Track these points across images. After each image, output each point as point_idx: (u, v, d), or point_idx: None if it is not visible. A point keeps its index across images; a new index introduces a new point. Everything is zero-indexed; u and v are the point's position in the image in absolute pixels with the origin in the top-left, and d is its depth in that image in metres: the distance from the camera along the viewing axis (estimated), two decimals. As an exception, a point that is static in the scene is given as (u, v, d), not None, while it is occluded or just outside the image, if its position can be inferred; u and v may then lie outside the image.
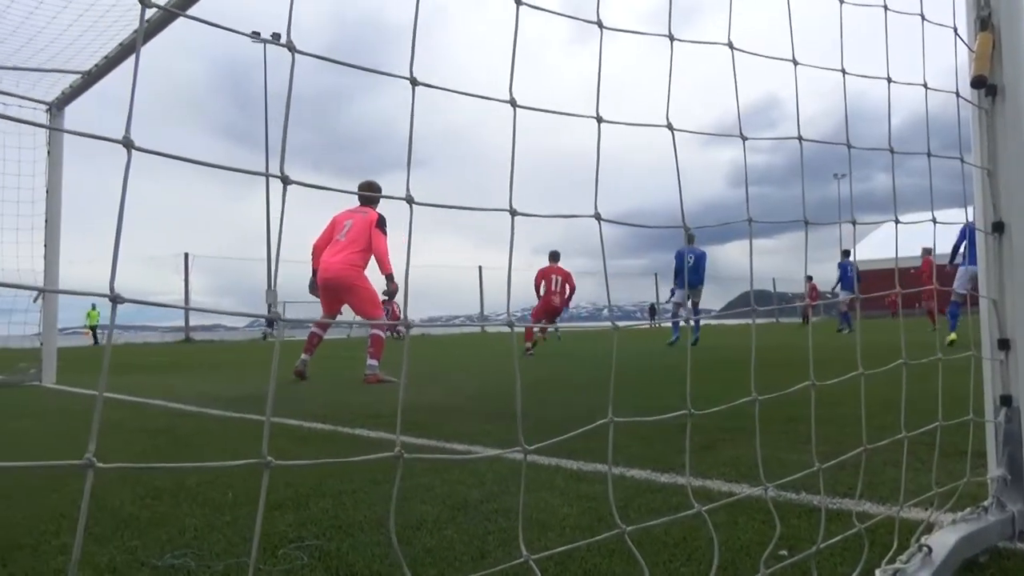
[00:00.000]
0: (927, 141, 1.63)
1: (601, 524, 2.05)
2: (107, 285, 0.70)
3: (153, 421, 4.45)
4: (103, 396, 0.69)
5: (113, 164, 0.75)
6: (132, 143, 0.68)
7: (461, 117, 61.23)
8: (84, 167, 23.49)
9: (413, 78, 0.88)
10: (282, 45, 0.78)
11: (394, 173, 0.90)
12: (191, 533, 2.04)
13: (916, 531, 1.65)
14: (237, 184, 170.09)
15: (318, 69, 0.84)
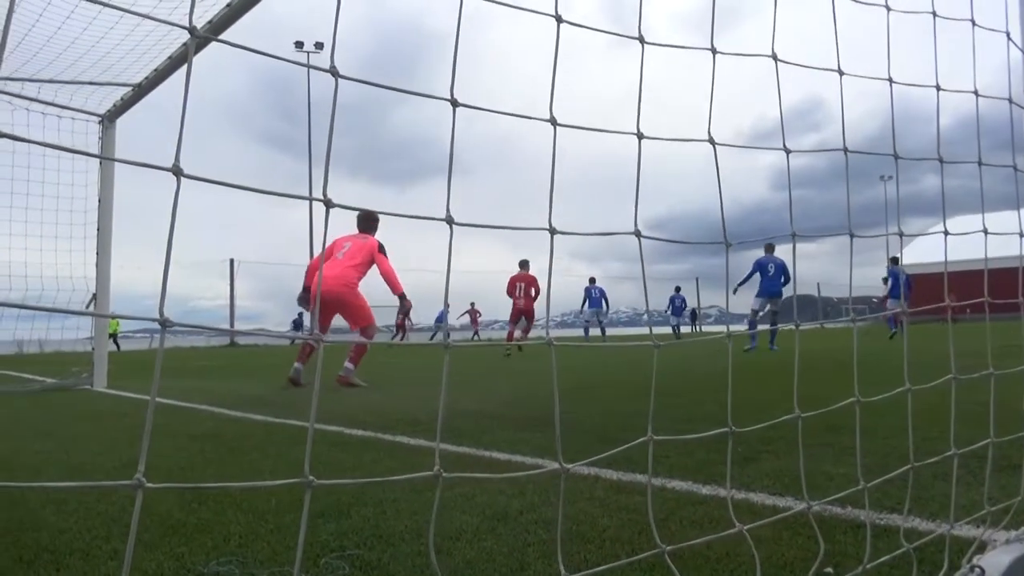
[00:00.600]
0: (978, 149, 1.58)
1: (642, 537, 2.03)
2: (152, 292, 0.73)
3: (199, 426, 4.54)
4: (151, 421, 0.70)
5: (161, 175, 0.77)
6: (181, 171, 0.70)
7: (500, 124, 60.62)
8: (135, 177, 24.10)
9: (454, 99, 0.89)
10: (326, 71, 0.80)
11: (432, 180, 0.92)
12: (236, 540, 2.08)
13: (967, 550, 1.61)
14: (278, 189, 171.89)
15: (362, 76, 0.85)
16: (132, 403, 6.43)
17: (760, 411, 4.30)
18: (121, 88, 7.38)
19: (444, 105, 0.91)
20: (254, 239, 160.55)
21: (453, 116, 0.88)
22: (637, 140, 1.07)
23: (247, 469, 3.11)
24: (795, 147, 1.40)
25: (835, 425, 3.51)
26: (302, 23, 45.70)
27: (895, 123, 1.55)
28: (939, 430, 3.25)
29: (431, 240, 7.13)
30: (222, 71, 24.51)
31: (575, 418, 4.42)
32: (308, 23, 47.92)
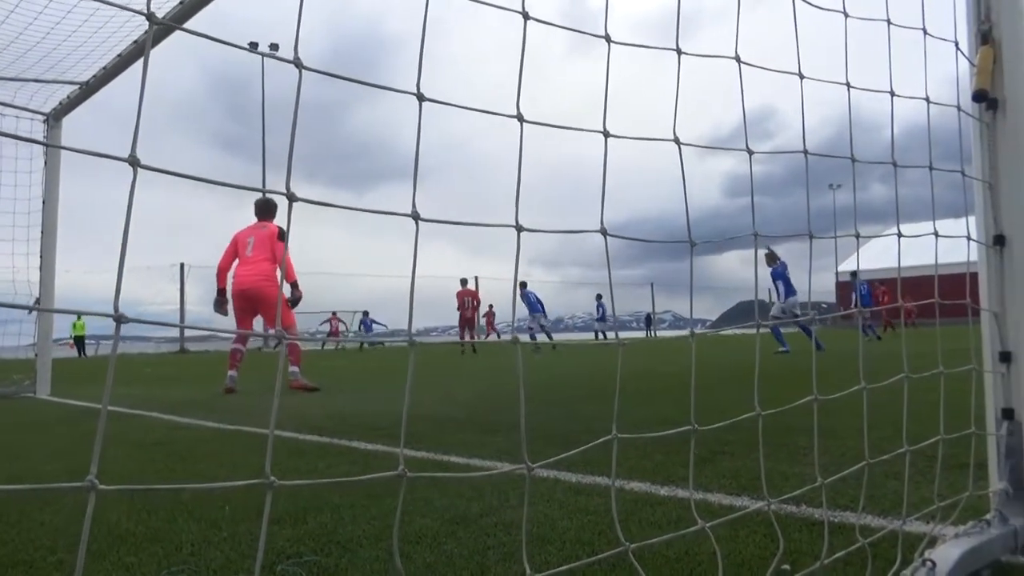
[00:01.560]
0: (929, 155, 1.63)
1: (601, 538, 2.03)
2: (103, 296, 0.70)
3: (150, 434, 4.42)
4: (105, 420, 0.67)
5: (109, 175, 0.74)
6: (138, 161, 0.67)
7: (459, 126, 60.54)
8: (80, 177, 23.38)
9: (420, 94, 0.88)
10: (289, 61, 0.78)
11: (390, 183, 0.91)
12: (188, 549, 2.02)
13: (919, 545, 1.64)
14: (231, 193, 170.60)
15: (315, 78, 0.84)
16: (77, 411, 6.23)
17: (720, 412, 4.33)
18: (67, 86, 7.17)
19: (401, 108, 0.91)
20: (206, 243, 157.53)
21: (420, 110, 0.87)
22: (603, 138, 1.07)
23: (200, 477, 3.03)
24: (745, 156, 1.43)
25: (792, 427, 3.58)
26: (256, 25, 45.07)
27: (847, 133, 1.59)
28: (893, 429, 3.30)
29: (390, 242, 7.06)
30: (174, 70, 24.09)
31: (536, 421, 4.42)
32: (262, 25, 47.30)
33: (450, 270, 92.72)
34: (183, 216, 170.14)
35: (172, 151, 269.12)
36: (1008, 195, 1.77)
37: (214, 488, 1.29)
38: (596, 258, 2.81)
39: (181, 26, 0.72)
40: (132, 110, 0.74)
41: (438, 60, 55.02)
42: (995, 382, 1.81)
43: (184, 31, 0.74)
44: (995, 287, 1.81)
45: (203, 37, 0.74)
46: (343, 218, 33.75)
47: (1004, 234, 1.78)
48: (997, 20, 1.77)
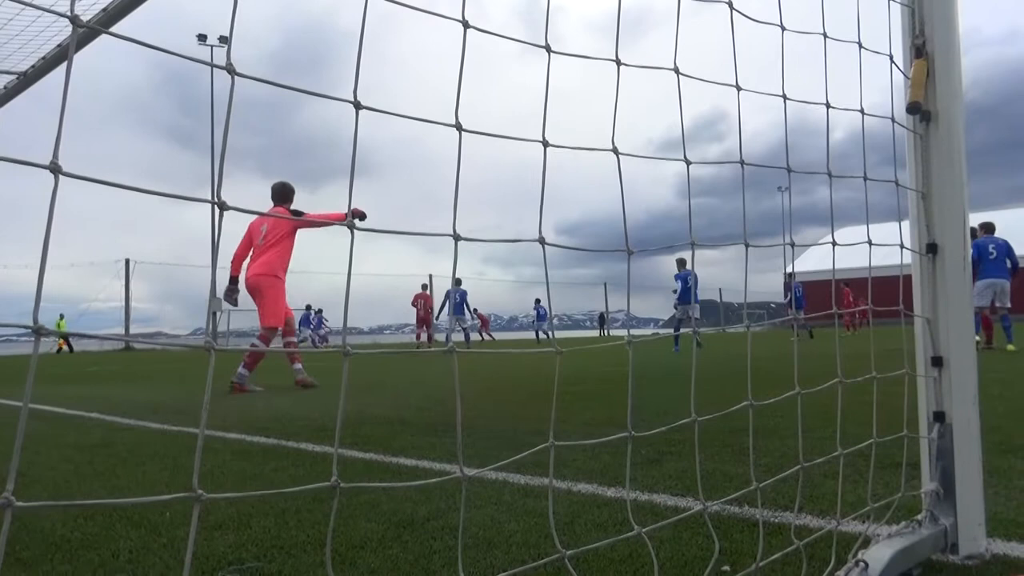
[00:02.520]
0: (863, 164, 1.68)
1: (547, 541, 2.04)
2: (46, 291, 0.68)
3: (89, 435, 4.30)
4: (23, 431, 0.65)
5: (40, 169, 0.71)
6: (60, 168, 0.65)
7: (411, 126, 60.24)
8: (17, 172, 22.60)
9: (357, 102, 0.87)
10: (223, 68, 0.76)
11: (342, 180, 0.88)
12: (125, 556, 1.97)
13: (853, 545, 1.69)
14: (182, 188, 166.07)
15: (267, 73, 0.82)
16: (7, 412, 6.02)
17: (664, 414, 4.42)
18: (4, 76, 6.91)
19: (349, 106, 0.89)
20: (151, 239, 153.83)
21: (356, 119, 0.86)
22: (543, 148, 1.08)
23: (141, 480, 2.96)
24: (701, 156, 1.45)
25: (736, 428, 3.65)
26: (206, 15, 44.03)
27: (794, 136, 1.62)
28: (832, 430, 3.41)
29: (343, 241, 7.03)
30: (120, 61, 22.80)
31: (483, 423, 4.42)
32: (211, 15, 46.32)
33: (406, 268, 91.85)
34: (128, 212, 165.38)
35: (118, 144, 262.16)
36: (940, 205, 1.83)
37: (139, 503, 1.25)
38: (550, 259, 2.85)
39: (107, 30, 0.70)
40: (73, 101, 0.72)
41: (388, 58, 53.08)
42: (927, 386, 1.88)
43: (110, 35, 0.72)
44: (927, 294, 1.87)
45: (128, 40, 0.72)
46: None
47: (936, 242, 1.84)
48: (931, 35, 1.83)
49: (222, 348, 0.82)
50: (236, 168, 19.51)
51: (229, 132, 0.84)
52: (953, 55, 1.83)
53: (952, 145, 1.82)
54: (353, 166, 0.86)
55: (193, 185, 31.92)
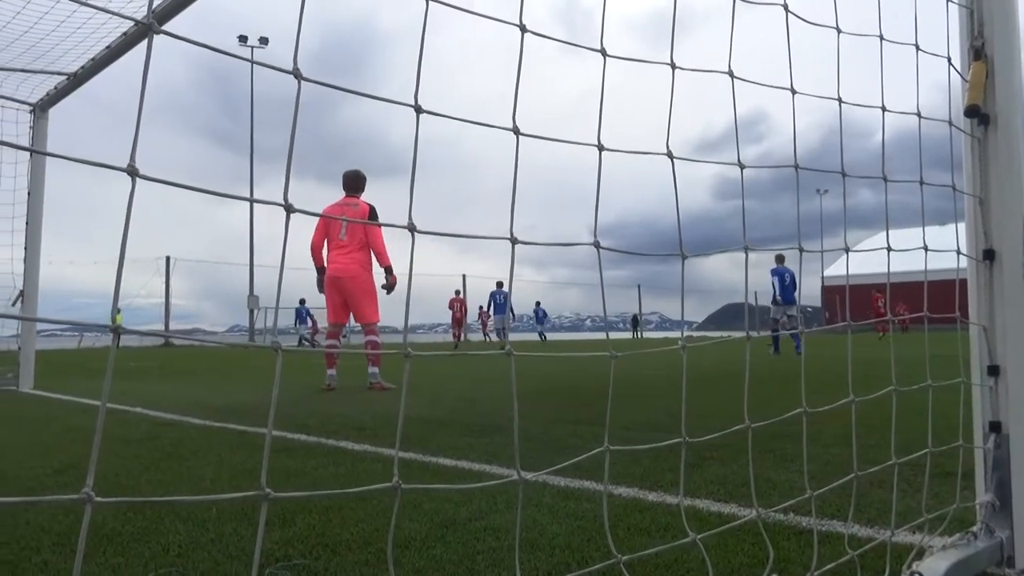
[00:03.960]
0: (920, 170, 1.64)
1: (590, 544, 2.04)
2: (85, 288, 0.70)
3: (134, 430, 4.39)
4: (101, 431, 0.67)
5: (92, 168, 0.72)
6: (137, 171, 0.67)
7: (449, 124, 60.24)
8: (65, 169, 23.12)
9: (418, 106, 0.87)
10: (288, 72, 0.77)
11: (379, 180, 0.90)
12: (175, 550, 2.01)
13: (905, 556, 1.66)
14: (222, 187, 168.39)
15: (307, 73, 0.82)
16: (62, 405, 6.18)
17: (704, 418, 4.37)
18: (55, 77, 7.10)
19: (387, 105, 0.89)
20: (191, 237, 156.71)
21: (417, 123, 0.87)
22: (598, 152, 1.07)
23: (185, 475, 3.02)
24: (738, 156, 1.43)
25: (778, 432, 3.59)
26: (246, 16, 44.68)
27: (836, 137, 1.60)
28: (877, 438, 3.35)
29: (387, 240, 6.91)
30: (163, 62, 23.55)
31: (522, 424, 4.43)
32: (251, 16, 46.92)
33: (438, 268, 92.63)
34: (169, 211, 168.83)
35: (163, 144, 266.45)
36: (998, 210, 1.78)
37: (210, 500, 1.29)
38: (583, 259, 2.85)
39: (186, 38, 0.71)
40: (120, 101, 0.74)
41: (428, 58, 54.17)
42: (983, 395, 1.83)
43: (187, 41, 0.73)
44: (984, 301, 1.82)
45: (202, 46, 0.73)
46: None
47: (994, 248, 1.80)
48: (990, 36, 1.78)
49: (288, 349, 0.82)
50: (273, 168, 19.90)
51: (266, 129, 0.85)
52: (1013, 57, 1.78)
53: (1011, 149, 1.77)
54: (414, 170, 0.86)
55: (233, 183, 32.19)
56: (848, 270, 1.52)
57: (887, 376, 1.72)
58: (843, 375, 1.58)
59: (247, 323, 34.18)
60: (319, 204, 7.47)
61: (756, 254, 1.48)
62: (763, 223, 24.46)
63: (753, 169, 1.43)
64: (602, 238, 1.09)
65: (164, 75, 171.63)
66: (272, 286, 37.43)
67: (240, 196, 0.77)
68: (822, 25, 1.45)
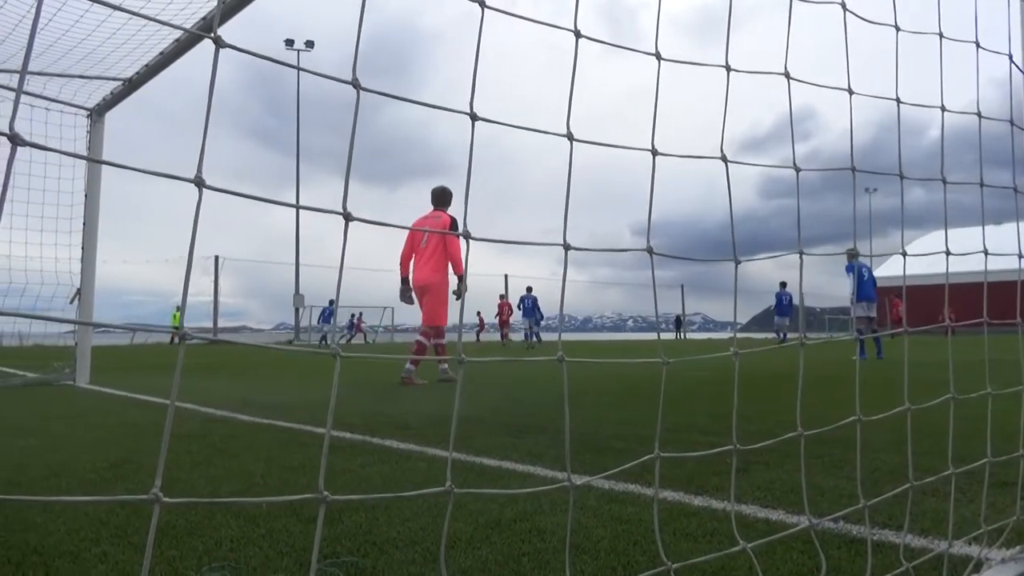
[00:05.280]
0: (980, 173, 1.60)
1: (636, 548, 2.03)
2: (138, 287, 0.72)
3: (186, 426, 4.50)
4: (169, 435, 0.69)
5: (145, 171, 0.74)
6: (203, 182, 0.69)
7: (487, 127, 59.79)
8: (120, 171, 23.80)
9: (473, 113, 0.88)
10: (347, 83, 0.79)
11: (420, 180, 0.91)
12: (227, 545, 2.06)
13: (962, 568, 1.62)
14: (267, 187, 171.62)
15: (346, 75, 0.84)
16: (116, 400, 6.36)
17: (748, 421, 4.32)
18: (111, 82, 7.31)
19: (428, 108, 0.90)
20: (238, 236, 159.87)
21: (472, 130, 0.88)
22: (652, 157, 1.07)
23: (236, 471, 3.08)
24: (785, 156, 1.41)
25: (825, 438, 3.52)
26: (290, 19, 45.43)
27: (886, 134, 1.56)
28: (928, 445, 3.27)
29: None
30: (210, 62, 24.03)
31: (564, 426, 4.42)
32: (296, 19, 47.73)
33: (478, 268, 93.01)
34: (217, 211, 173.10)
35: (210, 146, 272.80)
36: (1062, 212, 1.73)
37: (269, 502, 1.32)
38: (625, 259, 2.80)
39: (251, 51, 0.73)
40: (173, 107, 0.77)
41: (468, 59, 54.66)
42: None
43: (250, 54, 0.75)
44: (1046, 306, 1.77)
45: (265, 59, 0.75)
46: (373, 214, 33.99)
47: (1057, 252, 1.74)
48: (1055, 33, 1.73)
49: (348, 355, 0.84)
50: (316, 168, 20.08)
51: (310, 129, 0.86)
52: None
53: (1076, 149, 1.72)
54: (468, 180, 0.87)
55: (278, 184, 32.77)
56: (904, 272, 1.49)
57: (937, 381, 1.68)
58: (891, 379, 1.55)
59: (292, 321, 34.80)
60: (362, 207, 7.72)
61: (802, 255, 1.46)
62: (810, 221, 24.01)
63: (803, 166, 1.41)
64: (642, 238, 1.08)
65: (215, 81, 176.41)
66: (317, 285, 37.95)
67: (302, 205, 0.78)
68: (881, 23, 1.42)
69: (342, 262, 0.79)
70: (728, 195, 1.18)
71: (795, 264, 1.48)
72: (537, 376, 8.82)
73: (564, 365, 1.01)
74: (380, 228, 3.46)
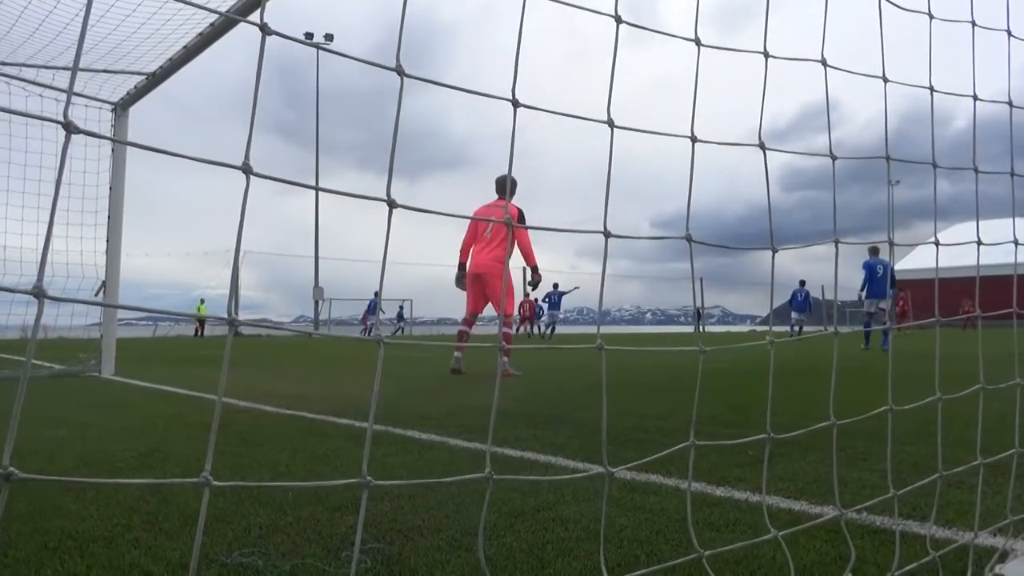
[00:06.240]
0: (1011, 163, 1.59)
1: (659, 537, 2.04)
2: (161, 280, 0.73)
3: (210, 415, 4.56)
4: (218, 420, 0.71)
5: (170, 164, 0.76)
6: (251, 169, 0.71)
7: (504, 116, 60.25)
8: (143, 165, 23.96)
9: (515, 100, 0.89)
10: (392, 69, 0.80)
11: (440, 172, 0.92)
12: (256, 532, 2.09)
13: (987, 559, 1.61)
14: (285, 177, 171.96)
15: (363, 68, 0.85)
16: (141, 391, 6.45)
17: (772, 413, 4.30)
18: (135, 77, 7.38)
19: (448, 98, 0.92)
20: (260, 229, 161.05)
21: (514, 117, 0.89)
22: (691, 143, 1.08)
23: (262, 461, 3.12)
24: (808, 146, 1.41)
25: (849, 429, 3.51)
26: (310, 12, 45.56)
27: (910, 125, 1.56)
28: (955, 435, 3.25)
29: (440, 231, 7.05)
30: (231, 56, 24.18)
31: (586, 417, 4.44)
32: (316, 12, 47.81)
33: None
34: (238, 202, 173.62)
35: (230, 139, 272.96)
36: (1094, 202, 1.71)
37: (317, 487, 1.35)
38: (645, 251, 2.82)
39: (293, 37, 0.75)
40: (196, 100, 0.79)
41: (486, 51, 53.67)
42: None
43: (297, 41, 0.77)
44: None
45: (306, 44, 0.76)
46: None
47: (1088, 242, 1.73)
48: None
49: (389, 341, 0.86)
50: (336, 162, 20.21)
51: (329, 123, 0.87)
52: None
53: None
54: (510, 169, 0.88)
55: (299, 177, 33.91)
56: (937, 263, 1.48)
57: (962, 373, 1.68)
58: (915, 371, 1.55)
59: (312, 314, 35.07)
60: (381, 194, 7.70)
61: (825, 247, 1.46)
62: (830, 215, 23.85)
63: (823, 158, 1.41)
64: (662, 230, 1.09)
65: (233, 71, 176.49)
66: (336, 278, 38.20)
67: (342, 191, 0.80)
68: (914, 11, 1.41)
69: (386, 248, 0.80)
70: (766, 184, 1.18)
71: (820, 257, 1.49)
72: (559, 367, 8.84)
73: (603, 354, 1.03)
74: (402, 222, 3.41)
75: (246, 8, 5.18)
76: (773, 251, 1.20)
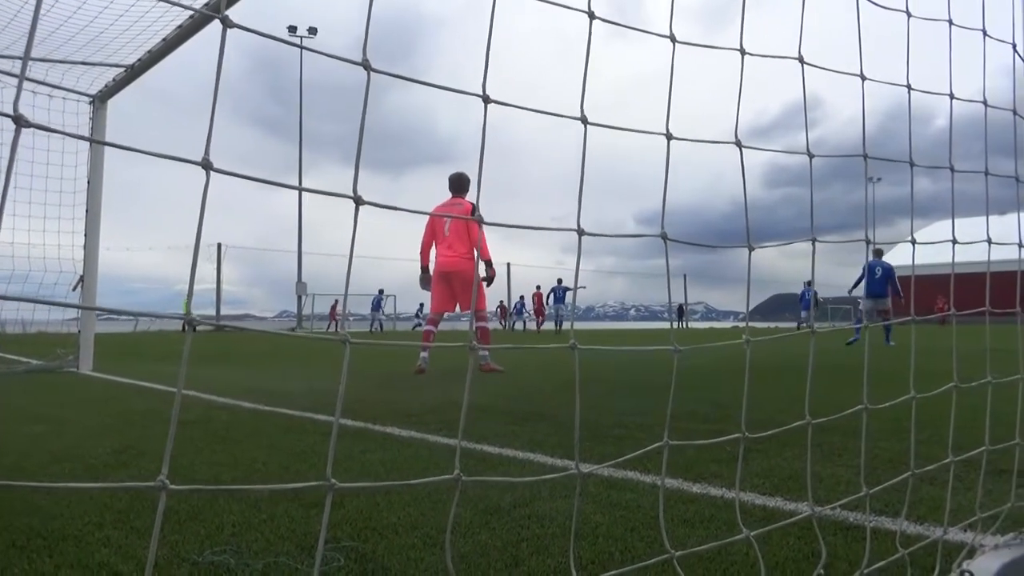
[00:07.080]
0: (985, 158, 1.60)
1: (633, 534, 2.04)
2: (141, 274, 0.72)
3: (189, 412, 4.52)
4: (176, 422, 0.70)
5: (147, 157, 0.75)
6: (211, 164, 0.69)
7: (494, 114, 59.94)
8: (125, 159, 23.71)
9: (486, 95, 0.88)
10: (358, 64, 0.79)
11: (424, 168, 0.92)
12: (229, 529, 2.07)
13: (956, 554, 1.63)
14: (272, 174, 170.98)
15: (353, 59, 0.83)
16: (119, 387, 6.39)
17: (749, 410, 4.32)
18: (113, 69, 7.29)
19: (434, 94, 0.91)
20: (241, 224, 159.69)
21: (484, 113, 0.88)
22: (666, 141, 1.07)
23: (239, 458, 3.10)
24: (791, 143, 1.41)
25: (824, 426, 3.54)
26: (293, 7, 45.21)
27: (891, 123, 1.57)
28: (928, 432, 3.29)
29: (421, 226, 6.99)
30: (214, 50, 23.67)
31: (565, 414, 4.44)
32: (298, 8, 47.46)
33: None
34: (219, 197, 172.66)
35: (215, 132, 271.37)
36: (1064, 203, 1.73)
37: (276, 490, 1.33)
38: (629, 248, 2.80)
39: (258, 31, 0.73)
40: (175, 93, 0.77)
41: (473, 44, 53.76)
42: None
43: (257, 34, 0.75)
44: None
45: (274, 39, 0.75)
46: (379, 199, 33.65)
47: (1058, 242, 1.74)
48: (1059, 23, 1.72)
49: (357, 341, 0.85)
50: (321, 156, 20.17)
51: (314, 117, 0.86)
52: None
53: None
54: (481, 165, 0.87)
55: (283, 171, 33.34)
56: (914, 261, 1.49)
57: (932, 371, 1.69)
58: (888, 370, 1.56)
59: (295, 309, 34.91)
60: (366, 194, 7.64)
61: (807, 244, 1.46)
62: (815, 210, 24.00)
63: (805, 156, 1.41)
64: (646, 227, 1.09)
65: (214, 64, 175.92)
66: (319, 274, 38.05)
67: (311, 189, 0.79)
68: (893, 9, 1.42)
69: (352, 244, 0.79)
70: (742, 181, 1.18)
71: (803, 253, 1.49)
72: (537, 364, 8.84)
73: (576, 352, 1.02)
74: (385, 216, 3.40)
75: (227, 3, 5.12)
76: (750, 249, 1.20)
